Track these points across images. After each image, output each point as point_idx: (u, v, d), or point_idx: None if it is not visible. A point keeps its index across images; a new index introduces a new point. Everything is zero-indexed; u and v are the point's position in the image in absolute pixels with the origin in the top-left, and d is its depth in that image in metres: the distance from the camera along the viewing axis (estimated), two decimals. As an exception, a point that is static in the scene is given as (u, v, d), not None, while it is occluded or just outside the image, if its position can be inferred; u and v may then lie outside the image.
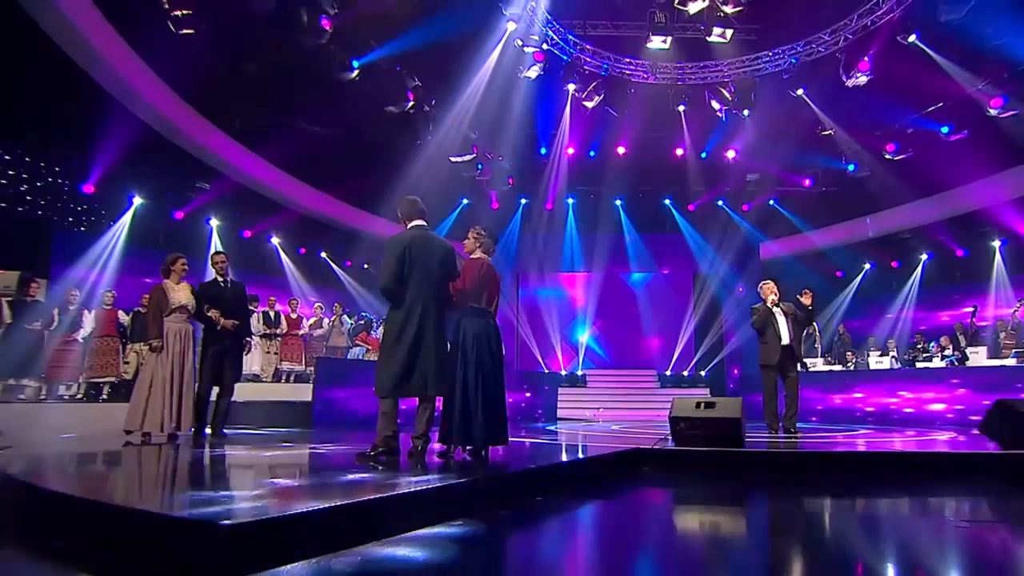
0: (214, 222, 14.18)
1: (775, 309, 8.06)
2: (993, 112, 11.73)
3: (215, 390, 6.70)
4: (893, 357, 14.98)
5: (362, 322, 13.82)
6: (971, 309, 13.34)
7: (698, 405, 5.88)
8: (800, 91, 12.93)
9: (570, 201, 18.43)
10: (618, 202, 18.50)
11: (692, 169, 16.58)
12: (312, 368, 12.04)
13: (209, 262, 7.09)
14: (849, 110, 13.16)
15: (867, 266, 18.06)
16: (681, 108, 13.61)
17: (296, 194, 15.06)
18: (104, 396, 9.65)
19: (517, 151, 15.62)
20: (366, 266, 18.00)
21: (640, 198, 18.51)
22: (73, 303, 9.65)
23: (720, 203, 18.15)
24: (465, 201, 17.58)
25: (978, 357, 13.64)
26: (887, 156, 13.41)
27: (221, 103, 12.80)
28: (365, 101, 12.73)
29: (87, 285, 10.94)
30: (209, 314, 6.49)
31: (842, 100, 12.86)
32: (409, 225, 4.99)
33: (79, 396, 9.75)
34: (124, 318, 9.93)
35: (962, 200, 14.90)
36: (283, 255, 15.91)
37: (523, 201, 18.30)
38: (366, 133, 14.30)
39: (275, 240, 15.78)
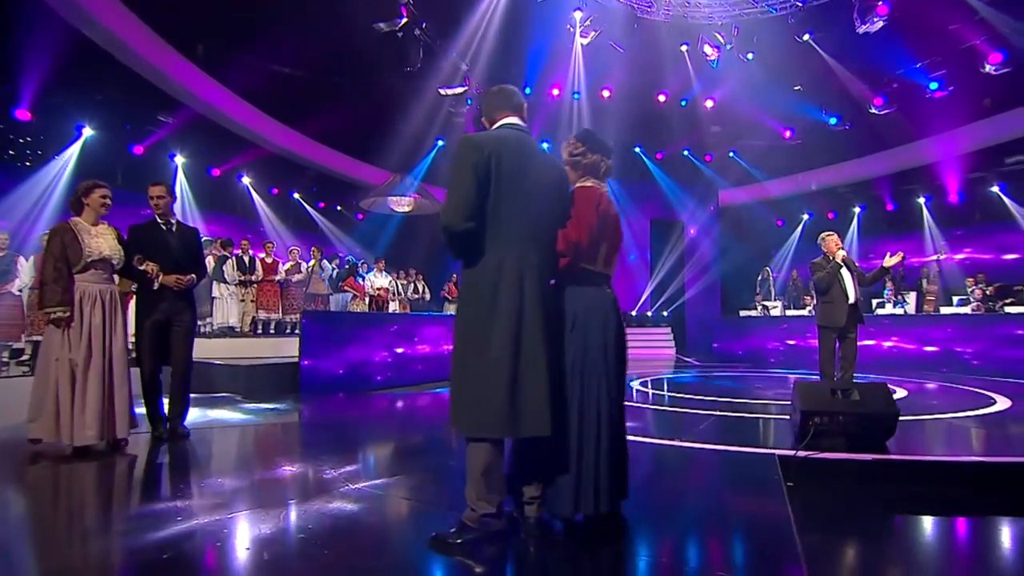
0: (179, 159, 11.29)
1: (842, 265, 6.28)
2: (989, 68, 10.15)
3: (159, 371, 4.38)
4: (841, 301, 14.19)
5: (346, 267, 11.45)
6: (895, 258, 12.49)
7: (834, 393, 4.04)
8: (807, 36, 10.93)
9: (545, 146, 16.13)
10: (591, 148, 16.42)
11: (669, 117, 14.67)
12: (291, 316, 10.38)
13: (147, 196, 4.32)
14: (851, 59, 11.37)
15: (805, 216, 17.06)
16: (684, 48, 11.42)
17: (267, 130, 12.31)
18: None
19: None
20: (339, 208, 15.32)
21: (612, 145, 16.38)
22: (2, 249, 6.86)
23: (685, 152, 16.41)
24: (440, 143, 14.94)
25: (910, 305, 13.00)
26: (872, 110, 11.73)
27: (181, 22, 9.74)
28: (350, 18, 9.90)
29: (24, 227, 8.07)
30: (142, 267, 4.05)
31: (846, 48, 11.03)
32: (496, 124, 2.55)
33: (26, 359, 7.13)
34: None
35: (907, 157, 13.75)
36: (255, 196, 13.02)
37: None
38: (348, 59, 11.43)
39: (246, 180, 12.88)
